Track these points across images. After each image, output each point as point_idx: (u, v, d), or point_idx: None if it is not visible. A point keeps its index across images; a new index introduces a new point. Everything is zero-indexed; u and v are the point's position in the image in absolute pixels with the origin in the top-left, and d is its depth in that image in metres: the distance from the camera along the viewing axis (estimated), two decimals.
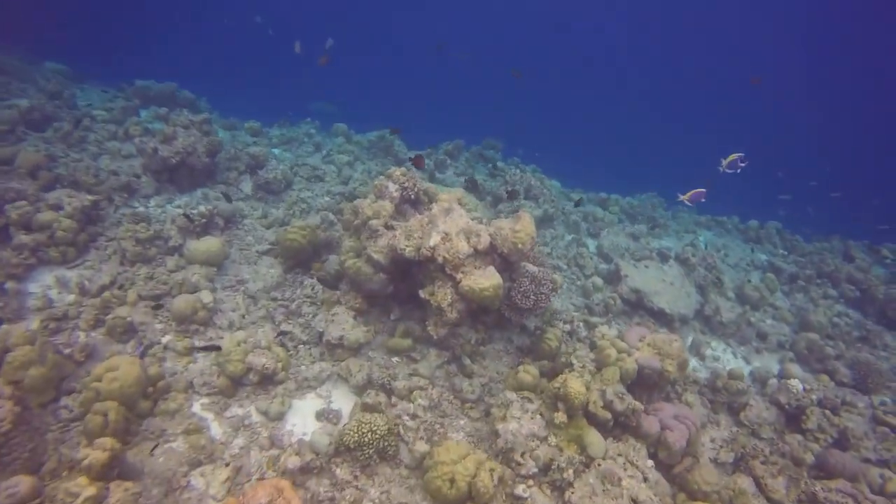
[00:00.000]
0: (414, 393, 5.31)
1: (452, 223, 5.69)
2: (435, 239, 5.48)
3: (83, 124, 9.11)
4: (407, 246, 5.61)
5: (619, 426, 5.31)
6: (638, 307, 8.02)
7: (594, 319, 7.34)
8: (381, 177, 6.58)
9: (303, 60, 11.94)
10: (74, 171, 7.44)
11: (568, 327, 6.82)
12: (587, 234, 10.50)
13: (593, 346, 6.25)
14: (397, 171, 6.55)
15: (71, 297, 5.80)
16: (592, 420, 5.11)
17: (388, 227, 6.06)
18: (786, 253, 11.94)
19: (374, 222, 5.92)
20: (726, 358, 7.81)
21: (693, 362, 7.46)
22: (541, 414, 5.10)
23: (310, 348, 5.80)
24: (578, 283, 8.42)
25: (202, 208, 7.19)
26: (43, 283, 5.93)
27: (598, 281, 8.25)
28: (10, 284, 5.70)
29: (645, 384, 5.92)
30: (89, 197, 6.58)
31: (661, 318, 7.92)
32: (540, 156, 13.73)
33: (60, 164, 7.96)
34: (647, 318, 7.94)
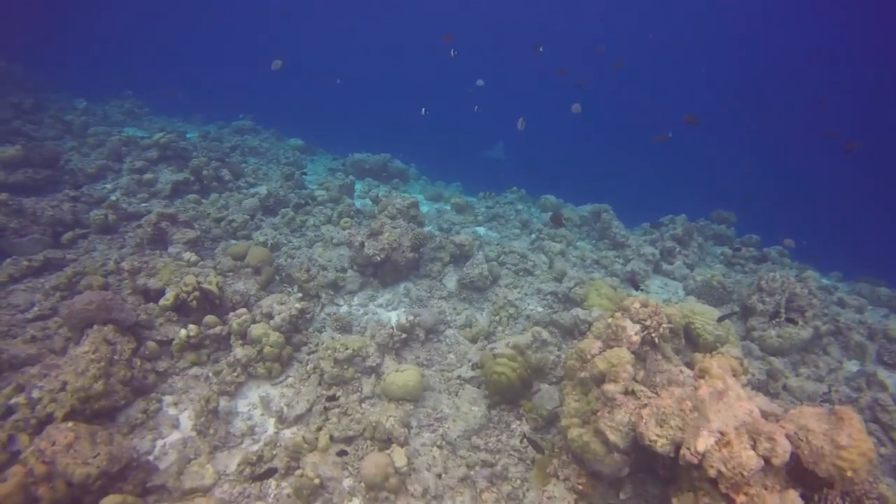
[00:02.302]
0: None
1: (728, 412, 3.65)
2: (706, 441, 3.51)
3: (305, 209, 9.50)
4: (658, 438, 3.77)
5: None
6: None
7: None
8: (616, 313, 4.86)
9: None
10: (290, 267, 7.45)
11: None
12: (878, 359, 7.04)
13: None
14: (636, 304, 4.77)
15: (270, 424, 5.40)
16: None
17: (629, 393, 4.30)
18: None
19: (609, 388, 4.21)
20: None
21: None
22: None
23: None
24: (885, 452, 5.33)
25: (403, 319, 6.43)
26: (250, 402, 5.69)
27: None
28: (223, 403, 5.55)
29: None
30: (297, 305, 6.31)
31: None
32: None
33: (282, 253, 8.19)
34: None
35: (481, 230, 9.95)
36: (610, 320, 4.75)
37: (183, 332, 5.69)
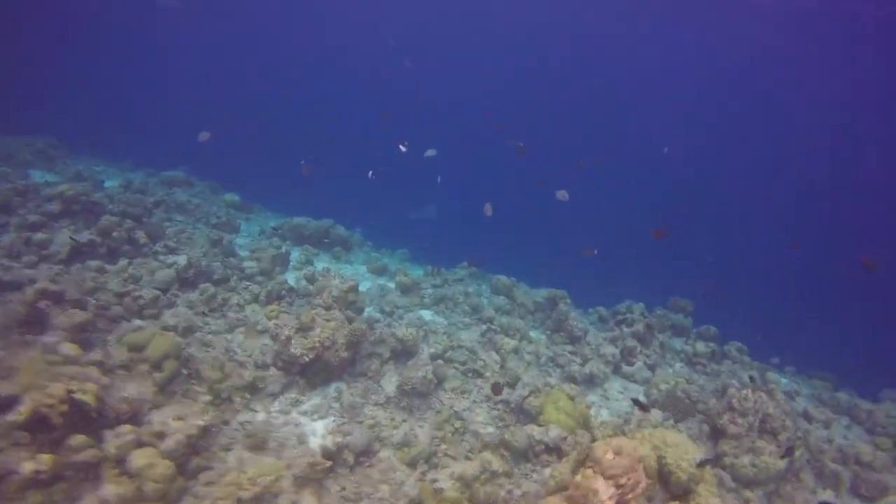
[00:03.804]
0: None
1: None
2: None
3: (229, 284, 8.36)
4: None
5: None
6: None
7: None
8: (585, 469, 4.13)
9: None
10: (201, 363, 6.27)
11: None
12: (852, 490, 6.70)
13: None
14: (608, 454, 4.08)
15: None
16: None
17: None
18: None
19: None
20: None
21: None
22: None
23: None
24: None
25: (328, 441, 5.39)
26: None
27: None
28: None
29: None
30: (199, 422, 5.13)
31: None
32: None
33: (193, 340, 6.97)
34: None
35: (427, 315, 9.13)
36: (578, 478, 3.98)
37: (28, 465, 4.34)
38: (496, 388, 6.03)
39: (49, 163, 13.59)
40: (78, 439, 4.72)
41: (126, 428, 4.97)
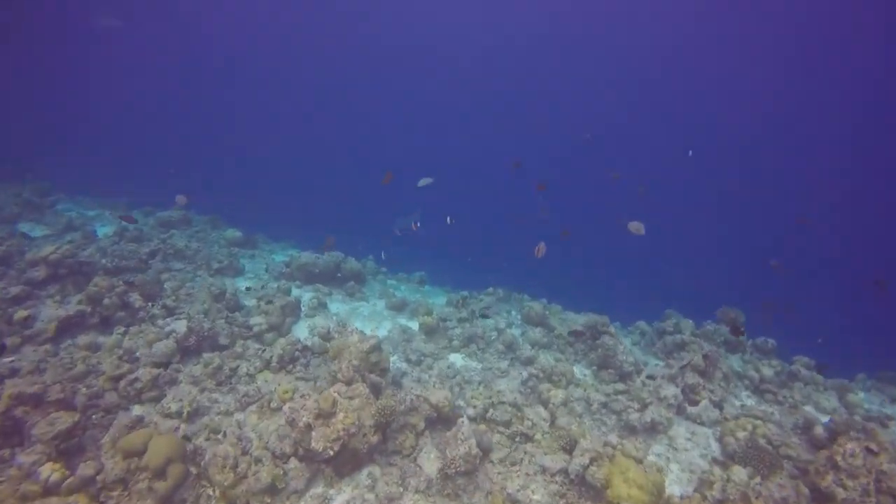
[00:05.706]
0: None
1: None
2: None
3: (235, 350, 7.47)
4: None
5: None
6: None
7: None
8: None
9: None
10: (210, 463, 5.39)
11: None
12: None
13: None
14: None
15: None
16: None
17: None
18: None
19: None
20: None
21: None
22: None
23: None
24: None
25: None
26: None
27: None
28: None
29: None
30: None
31: None
32: None
33: (203, 427, 6.10)
34: None
35: (458, 360, 8.20)
36: None
37: None
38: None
39: (38, 213, 12.79)
40: None
41: None
